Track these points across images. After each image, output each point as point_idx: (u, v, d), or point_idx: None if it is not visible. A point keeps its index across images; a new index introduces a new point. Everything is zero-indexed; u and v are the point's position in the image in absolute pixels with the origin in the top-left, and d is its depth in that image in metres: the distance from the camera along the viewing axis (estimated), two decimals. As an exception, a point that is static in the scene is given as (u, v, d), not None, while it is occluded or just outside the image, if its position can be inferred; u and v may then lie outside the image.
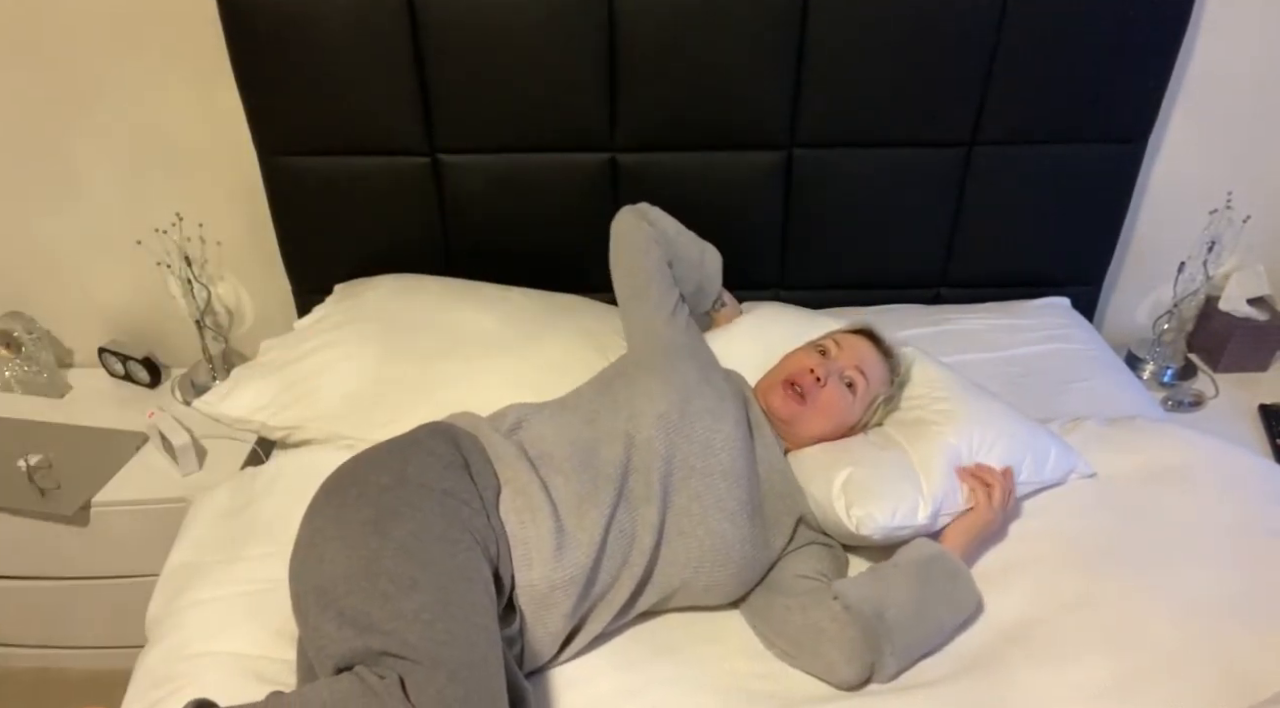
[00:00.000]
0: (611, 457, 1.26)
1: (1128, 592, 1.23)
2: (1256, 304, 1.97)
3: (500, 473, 1.24)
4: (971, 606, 1.23)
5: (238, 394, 1.56)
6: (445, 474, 1.17)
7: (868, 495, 1.27)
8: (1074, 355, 1.78)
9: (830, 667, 1.18)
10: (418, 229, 1.82)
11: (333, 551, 1.07)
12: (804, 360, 1.39)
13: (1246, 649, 1.15)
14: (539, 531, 1.19)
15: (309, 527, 1.13)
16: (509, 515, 1.20)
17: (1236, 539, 1.30)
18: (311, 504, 1.17)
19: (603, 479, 1.24)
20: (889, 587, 1.21)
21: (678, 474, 1.26)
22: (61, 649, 1.90)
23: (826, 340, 1.43)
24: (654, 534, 1.23)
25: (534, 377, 1.54)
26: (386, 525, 1.07)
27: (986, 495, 1.30)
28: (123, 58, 1.74)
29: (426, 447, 1.21)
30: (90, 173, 1.86)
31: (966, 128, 1.76)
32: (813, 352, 1.42)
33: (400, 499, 1.11)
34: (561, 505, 1.22)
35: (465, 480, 1.19)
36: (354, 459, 1.23)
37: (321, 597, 1.03)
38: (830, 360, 1.39)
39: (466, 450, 1.24)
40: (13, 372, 1.97)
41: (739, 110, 1.72)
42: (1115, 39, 1.67)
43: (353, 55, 1.63)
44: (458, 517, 1.12)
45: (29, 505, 1.68)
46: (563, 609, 1.17)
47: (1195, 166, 1.93)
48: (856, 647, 1.17)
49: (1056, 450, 1.40)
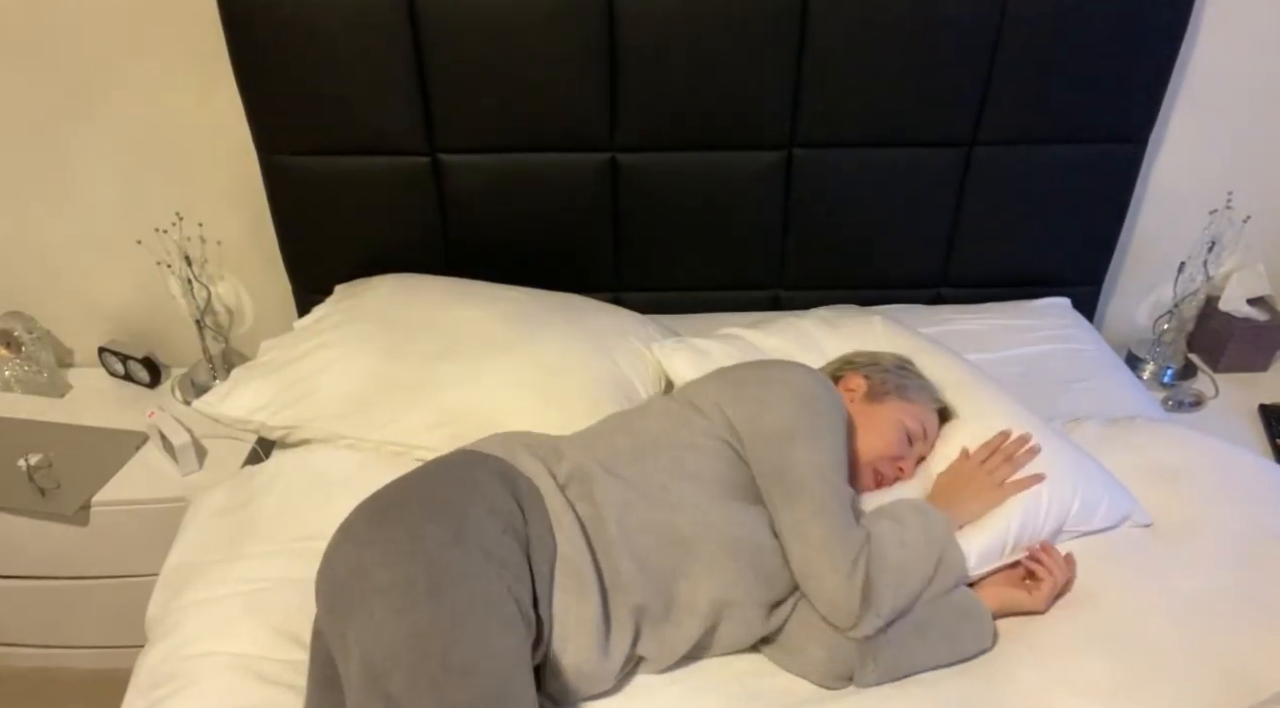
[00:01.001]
0: (668, 565, 1.18)
1: (1128, 592, 1.23)
2: (1256, 304, 1.96)
3: (559, 545, 1.15)
4: (972, 653, 1.21)
5: (237, 394, 1.56)
6: (503, 541, 1.08)
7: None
8: (1074, 356, 1.78)
9: (810, 664, 1.18)
10: (418, 229, 1.82)
11: (382, 609, 0.99)
12: (896, 451, 1.34)
13: (1246, 649, 1.15)
14: (582, 614, 1.12)
15: (353, 550, 1.06)
16: (558, 594, 1.13)
17: (1236, 539, 1.29)
18: (354, 525, 1.10)
19: (653, 585, 1.17)
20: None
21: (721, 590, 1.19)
22: (62, 649, 1.90)
23: (917, 426, 1.36)
24: (688, 645, 1.19)
25: (534, 377, 1.54)
26: (442, 593, 1.00)
27: (1050, 587, 1.24)
28: (123, 58, 1.74)
29: (487, 497, 1.12)
30: (90, 173, 1.86)
31: (967, 128, 1.76)
32: (903, 440, 1.35)
33: (457, 564, 1.03)
34: (610, 592, 1.15)
35: (519, 553, 1.10)
36: (407, 486, 1.15)
37: (367, 669, 0.97)
38: (915, 449, 1.37)
39: (528, 509, 1.15)
40: (13, 371, 1.97)
41: (739, 110, 1.72)
42: (1115, 39, 1.67)
43: (353, 55, 1.63)
44: (511, 594, 1.04)
45: (29, 505, 1.68)
46: (593, 689, 1.15)
47: (1195, 166, 1.93)
48: (843, 651, 1.17)
49: (1109, 500, 1.33)
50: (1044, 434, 1.37)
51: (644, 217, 1.83)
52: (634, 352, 1.65)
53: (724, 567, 1.18)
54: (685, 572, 1.18)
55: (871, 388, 1.38)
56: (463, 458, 1.22)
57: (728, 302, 1.94)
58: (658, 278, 1.91)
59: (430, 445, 1.50)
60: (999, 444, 1.34)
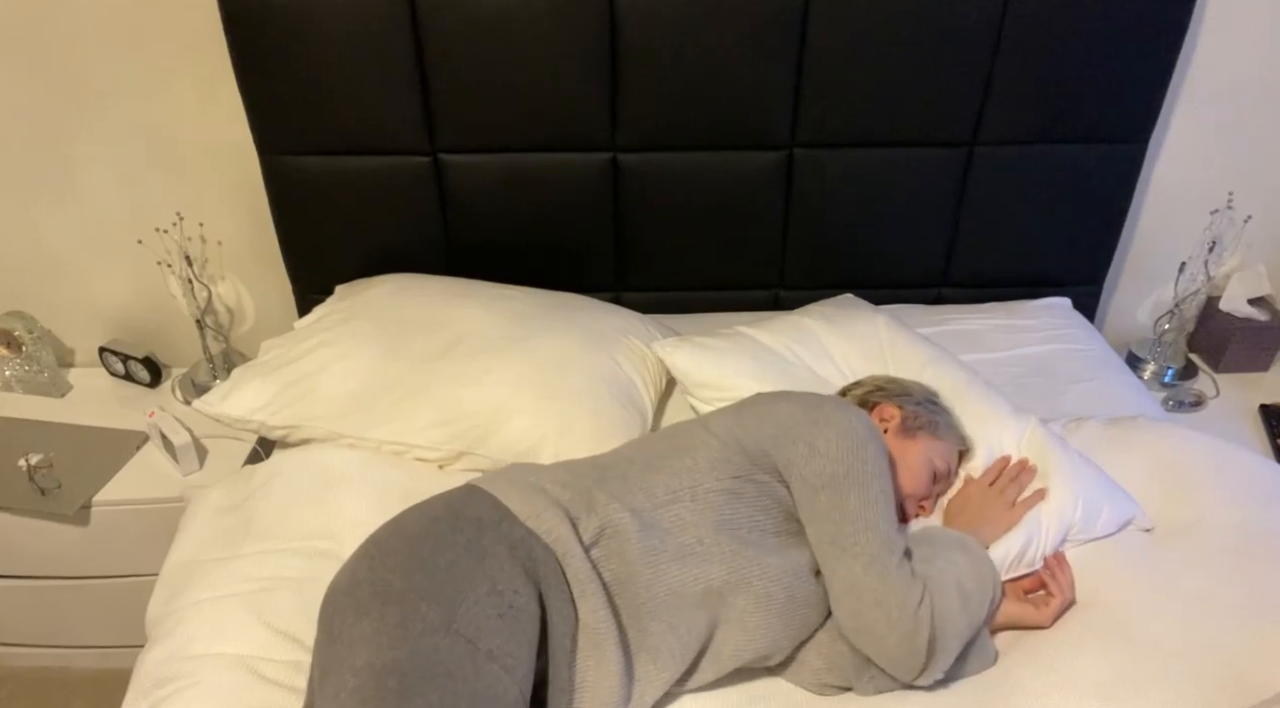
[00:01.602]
0: (695, 625, 1.15)
1: (1128, 592, 1.23)
2: (1257, 304, 1.96)
3: (580, 610, 1.10)
4: (973, 672, 1.19)
5: (238, 394, 1.56)
6: (498, 627, 1.01)
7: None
8: (1075, 356, 1.78)
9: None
10: (419, 229, 1.82)
11: (350, 690, 0.94)
12: (923, 490, 1.34)
13: (1247, 649, 1.14)
14: (601, 674, 1.09)
15: (350, 609, 1.02)
16: (581, 660, 1.10)
17: (1237, 539, 1.29)
18: (359, 579, 1.04)
19: (679, 642, 1.14)
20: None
21: (743, 637, 1.18)
22: (62, 649, 1.90)
23: (944, 464, 1.36)
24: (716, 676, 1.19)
25: (534, 376, 1.54)
26: (411, 688, 0.93)
27: (1059, 604, 1.24)
28: (124, 58, 1.74)
29: (490, 574, 1.04)
30: (91, 172, 1.86)
31: (967, 128, 1.76)
32: (931, 476, 1.35)
33: (440, 654, 0.96)
34: (635, 653, 1.13)
35: (518, 639, 1.02)
36: (416, 545, 1.07)
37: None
38: (938, 486, 1.37)
39: (544, 580, 1.09)
40: (13, 371, 1.97)
41: (739, 110, 1.72)
42: (1116, 39, 1.67)
43: (354, 55, 1.63)
44: (491, 694, 0.97)
45: (29, 505, 1.68)
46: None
47: (1196, 167, 1.93)
48: (842, 660, 1.18)
49: (1110, 507, 1.33)
50: (1044, 444, 1.38)
51: (644, 217, 1.83)
52: (634, 351, 1.65)
53: (754, 620, 1.16)
54: (716, 621, 1.16)
55: (905, 421, 1.36)
56: (476, 516, 1.11)
57: (728, 301, 1.94)
58: (658, 278, 1.91)
59: (430, 445, 1.50)
60: (1002, 467, 1.36)
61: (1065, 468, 1.35)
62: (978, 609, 1.18)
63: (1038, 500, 1.32)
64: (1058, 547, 1.31)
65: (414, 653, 0.96)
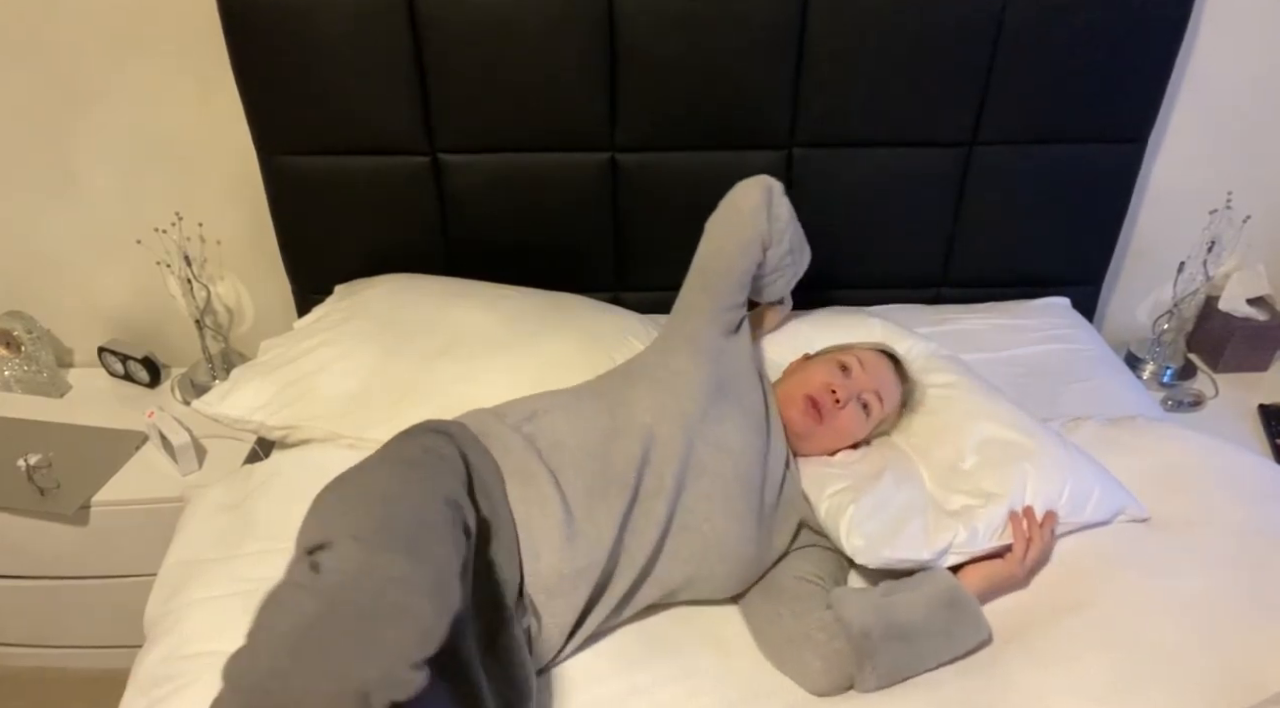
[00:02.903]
0: (629, 452, 1.25)
1: (1128, 592, 1.23)
2: (1256, 304, 1.97)
3: (503, 465, 1.22)
4: (971, 644, 1.20)
5: (237, 394, 1.56)
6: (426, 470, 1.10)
7: (869, 524, 1.26)
8: (1074, 355, 1.78)
9: (808, 674, 1.18)
10: (418, 229, 1.82)
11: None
12: (827, 378, 1.39)
13: (1246, 649, 1.14)
14: (547, 521, 1.18)
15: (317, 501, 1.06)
16: (516, 505, 1.19)
17: (1236, 539, 1.29)
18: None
19: (616, 473, 1.24)
20: (889, 607, 1.20)
21: (692, 472, 1.27)
22: (61, 649, 1.90)
23: (850, 358, 1.42)
24: (659, 529, 1.23)
25: (534, 376, 1.54)
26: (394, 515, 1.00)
27: (1023, 549, 1.24)
28: (123, 58, 1.74)
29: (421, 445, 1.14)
30: (90, 172, 1.86)
31: (966, 128, 1.76)
32: (836, 369, 1.41)
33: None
34: (572, 498, 1.21)
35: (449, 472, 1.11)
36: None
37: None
38: (851, 380, 1.39)
39: (465, 446, 1.20)
40: (13, 371, 1.96)
41: (739, 110, 1.72)
42: (1115, 39, 1.67)
43: (353, 55, 1.63)
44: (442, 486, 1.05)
45: (29, 505, 1.68)
46: (571, 601, 1.17)
47: (1195, 166, 1.93)
48: (840, 659, 1.17)
49: (1100, 490, 1.32)
50: (1030, 428, 1.38)
51: (644, 217, 1.83)
52: (634, 352, 1.65)
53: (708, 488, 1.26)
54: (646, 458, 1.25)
55: (804, 357, 1.50)
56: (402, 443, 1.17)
57: (727, 302, 1.94)
58: (658, 278, 1.91)
59: (430, 445, 1.50)
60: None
61: (1051, 449, 1.34)
62: (927, 644, 1.19)
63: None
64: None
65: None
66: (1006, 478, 1.30)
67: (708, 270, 1.42)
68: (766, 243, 1.41)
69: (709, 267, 1.42)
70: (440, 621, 0.84)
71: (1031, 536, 1.25)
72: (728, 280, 1.41)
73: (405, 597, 0.84)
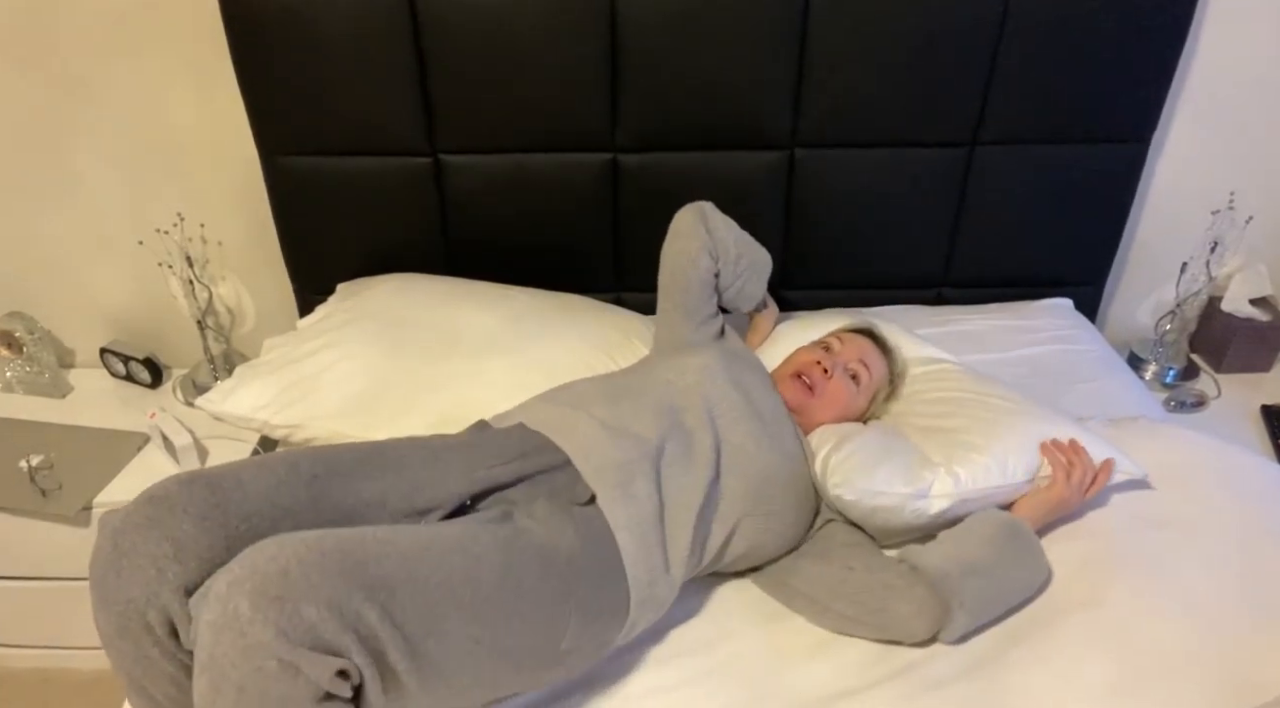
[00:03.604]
0: (657, 397, 1.32)
1: (1129, 592, 1.23)
2: (1259, 305, 1.96)
3: (512, 417, 1.31)
4: (1043, 569, 1.26)
5: (240, 393, 1.56)
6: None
7: (850, 461, 1.30)
8: (1076, 356, 1.78)
9: (900, 621, 1.20)
10: (419, 229, 1.82)
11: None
12: (810, 355, 1.48)
13: (1248, 650, 1.14)
14: (582, 429, 1.23)
15: None
16: (541, 427, 1.25)
17: (1238, 540, 1.29)
18: None
19: (648, 410, 1.29)
20: (956, 547, 1.25)
21: (726, 416, 1.32)
22: (62, 650, 1.90)
23: (830, 338, 1.53)
24: (711, 463, 1.26)
25: (534, 376, 1.54)
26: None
27: (1065, 473, 1.31)
28: (124, 58, 1.74)
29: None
30: (91, 173, 1.86)
31: (968, 128, 1.76)
32: (817, 348, 1.51)
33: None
34: (605, 418, 1.26)
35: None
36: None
37: None
38: (834, 355, 1.47)
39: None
40: (14, 372, 1.97)
41: (740, 110, 1.72)
42: (1118, 39, 1.67)
43: (354, 55, 1.63)
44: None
45: (30, 506, 1.68)
46: (642, 481, 1.19)
47: (1198, 167, 1.92)
48: (927, 601, 1.19)
49: (1089, 443, 1.36)
50: (1017, 395, 1.44)
51: (644, 217, 1.82)
52: (635, 352, 1.65)
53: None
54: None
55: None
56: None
57: (729, 302, 1.94)
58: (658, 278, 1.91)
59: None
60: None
61: (1037, 410, 1.41)
62: (1004, 574, 1.23)
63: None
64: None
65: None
66: (991, 432, 1.35)
67: (672, 289, 1.52)
68: (713, 253, 1.50)
69: (671, 285, 1.52)
70: None
71: (1070, 460, 1.32)
72: (690, 294, 1.50)
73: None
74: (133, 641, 0.98)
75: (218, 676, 0.84)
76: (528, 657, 1.04)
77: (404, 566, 0.94)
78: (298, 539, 0.90)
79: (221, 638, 0.84)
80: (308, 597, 0.85)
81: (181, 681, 1.00)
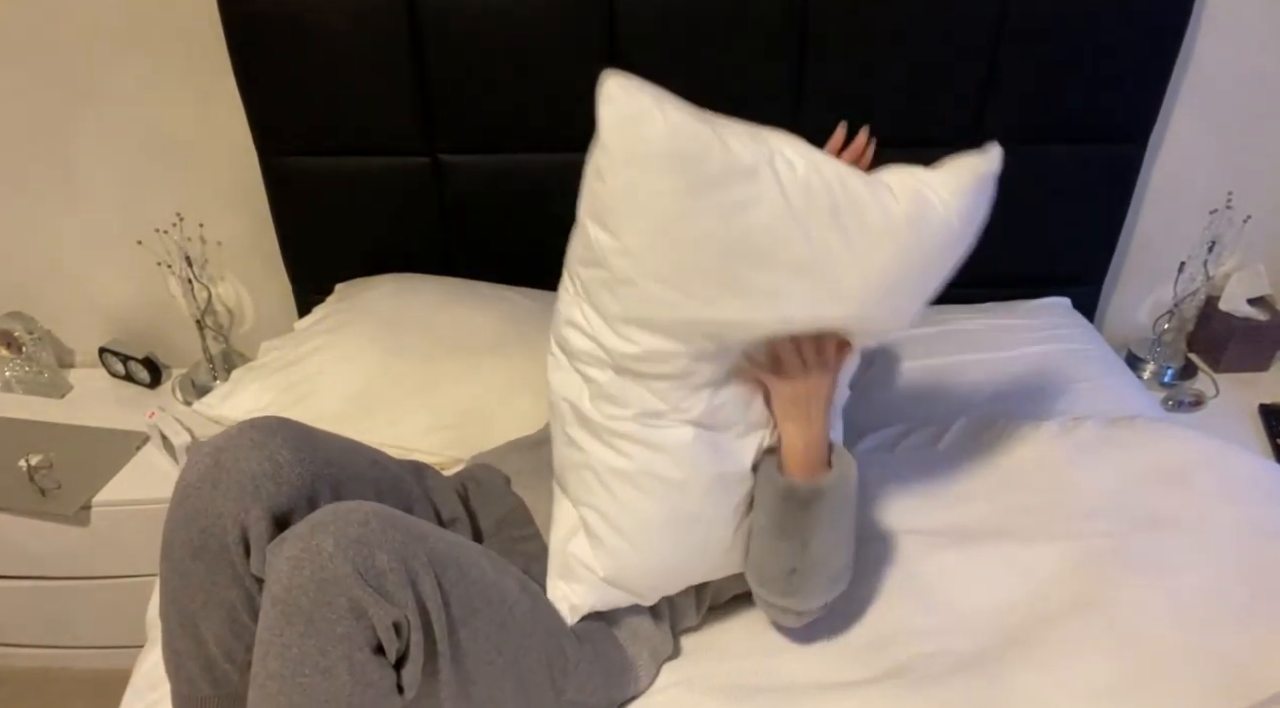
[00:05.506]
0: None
1: (1128, 592, 1.23)
2: (1257, 304, 1.96)
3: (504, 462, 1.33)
4: (844, 507, 1.11)
5: (238, 396, 1.56)
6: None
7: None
8: (1074, 356, 1.78)
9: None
10: (418, 229, 1.82)
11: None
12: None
13: (1247, 650, 1.14)
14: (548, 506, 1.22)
15: None
16: (523, 495, 1.27)
17: (1237, 540, 1.29)
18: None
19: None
20: (757, 553, 1.15)
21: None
22: (62, 649, 1.90)
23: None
24: None
25: (534, 377, 1.53)
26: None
27: (771, 371, 1.09)
28: (123, 58, 1.74)
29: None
30: (90, 173, 1.86)
31: (967, 128, 1.76)
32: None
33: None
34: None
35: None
36: None
37: None
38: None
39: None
40: (13, 372, 1.97)
41: (740, 110, 1.70)
42: (1116, 38, 1.67)
43: (353, 55, 1.63)
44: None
45: (29, 505, 1.68)
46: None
47: (1196, 166, 1.93)
48: (782, 618, 1.21)
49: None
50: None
51: (644, 217, 1.82)
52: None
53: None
54: None
55: None
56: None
57: (728, 302, 1.94)
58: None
59: (430, 448, 1.50)
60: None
61: None
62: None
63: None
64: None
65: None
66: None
67: None
68: None
69: None
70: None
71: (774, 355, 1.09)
72: None
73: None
74: (207, 561, 1.01)
75: (290, 607, 0.88)
76: (535, 690, 1.05)
77: (452, 551, 0.99)
78: (371, 503, 0.96)
79: (300, 570, 0.88)
80: (382, 545, 0.90)
81: (238, 614, 1.03)
